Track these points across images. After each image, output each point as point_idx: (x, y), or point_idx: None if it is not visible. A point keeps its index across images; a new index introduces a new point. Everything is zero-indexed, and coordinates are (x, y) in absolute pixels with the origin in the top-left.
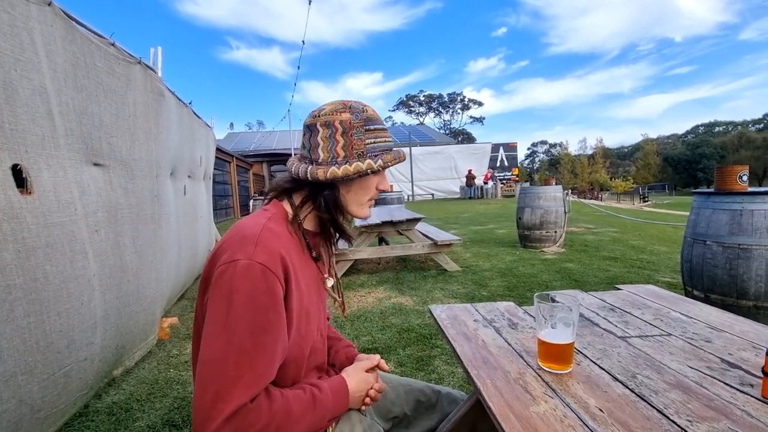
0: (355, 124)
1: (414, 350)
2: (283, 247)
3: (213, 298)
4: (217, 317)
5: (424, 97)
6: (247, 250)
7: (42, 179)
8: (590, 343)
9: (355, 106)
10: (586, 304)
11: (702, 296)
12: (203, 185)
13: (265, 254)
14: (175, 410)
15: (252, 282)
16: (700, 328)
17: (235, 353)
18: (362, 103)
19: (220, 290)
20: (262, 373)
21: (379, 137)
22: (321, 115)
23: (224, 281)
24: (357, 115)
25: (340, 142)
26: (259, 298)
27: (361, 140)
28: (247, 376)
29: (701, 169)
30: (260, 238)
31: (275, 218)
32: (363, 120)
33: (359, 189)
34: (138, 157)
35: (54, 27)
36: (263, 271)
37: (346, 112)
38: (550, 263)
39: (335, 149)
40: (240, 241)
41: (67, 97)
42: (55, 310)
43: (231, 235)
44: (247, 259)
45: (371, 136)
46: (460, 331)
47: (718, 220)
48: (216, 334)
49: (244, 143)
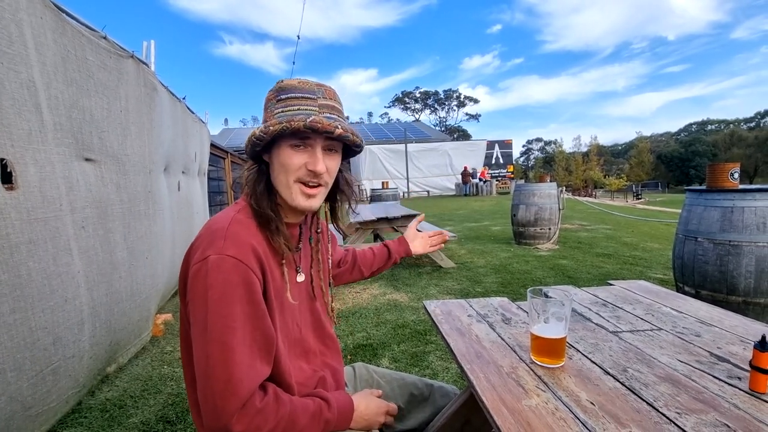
0: (270, 97)
1: (408, 346)
2: (253, 237)
3: (191, 298)
4: (198, 317)
5: (419, 94)
6: (216, 245)
7: (28, 174)
8: (582, 338)
9: (285, 82)
10: (579, 299)
11: (693, 292)
12: (198, 181)
13: (235, 247)
14: (169, 406)
15: (224, 275)
16: (690, 322)
17: (219, 350)
18: (293, 78)
19: (196, 289)
20: (250, 365)
21: (290, 105)
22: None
23: (199, 280)
24: (273, 89)
25: (264, 116)
26: (234, 291)
27: (272, 112)
28: (238, 372)
29: (694, 166)
30: (229, 232)
31: (244, 210)
32: (276, 90)
33: (280, 167)
34: (130, 152)
35: (44, 19)
36: (235, 264)
37: (276, 89)
38: (544, 260)
39: (261, 126)
40: (209, 237)
41: (56, 91)
42: (39, 306)
43: (202, 232)
44: (217, 254)
45: (280, 106)
46: (454, 327)
47: (710, 217)
48: (200, 334)
49: (239, 139)
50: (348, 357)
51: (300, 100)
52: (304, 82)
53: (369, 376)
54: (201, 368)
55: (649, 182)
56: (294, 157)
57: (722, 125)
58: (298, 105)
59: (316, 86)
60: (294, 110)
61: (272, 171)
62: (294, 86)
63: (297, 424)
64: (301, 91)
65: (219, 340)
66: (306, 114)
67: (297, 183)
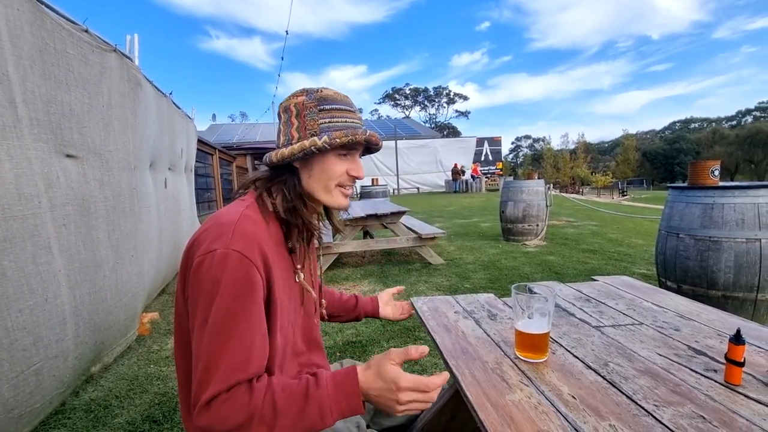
0: (308, 105)
1: (398, 343)
2: (259, 234)
3: (193, 290)
4: (198, 309)
5: (410, 91)
6: (224, 238)
7: (2, 170)
8: (566, 333)
9: (313, 88)
10: (563, 294)
11: (675, 287)
12: (185, 178)
13: (242, 242)
14: (155, 406)
15: (229, 270)
16: (670, 317)
17: (213, 343)
18: (326, 88)
19: (199, 281)
20: (241, 361)
21: (336, 117)
22: (281, 103)
23: (203, 272)
24: (311, 96)
25: (294, 124)
26: (237, 286)
27: (314, 120)
28: (224, 364)
29: (678, 164)
30: (237, 227)
31: (253, 206)
32: (316, 99)
33: (321, 172)
34: (113, 148)
35: (21, 11)
36: (240, 260)
37: (302, 95)
38: (532, 256)
39: (290, 132)
40: (217, 231)
41: (32, 85)
42: (16, 306)
43: (208, 225)
44: (224, 247)
45: (326, 116)
46: (441, 323)
47: (691, 213)
48: (199, 326)
49: (227, 135)
50: (337, 354)
51: (344, 112)
52: (341, 95)
53: None
54: (197, 357)
55: (634, 179)
56: (339, 165)
57: (705, 123)
58: (344, 117)
59: (349, 99)
60: (342, 122)
61: (306, 175)
62: (335, 98)
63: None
64: (343, 103)
65: (216, 332)
66: (354, 126)
67: (338, 187)
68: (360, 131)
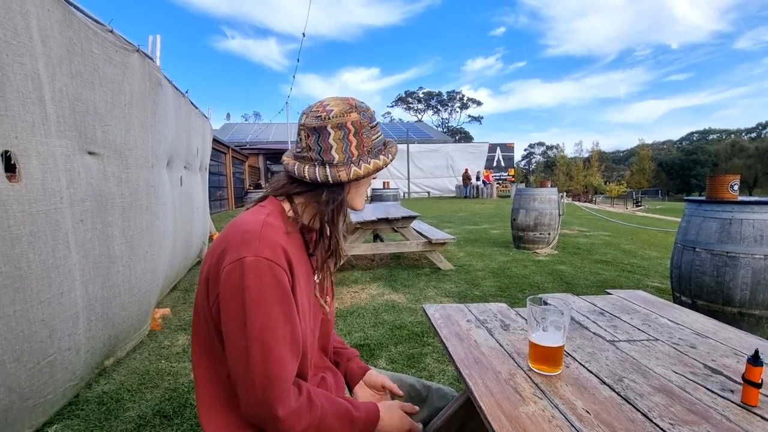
0: (363, 123)
1: (406, 348)
2: (283, 240)
3: (226, 298)
4: (235, 316)
5: (423, 94)
6: (252, 246)
7: (30, 166)
8: (579, 346)
9: (360, 105)
10: (577, 307)
11: (689, 302)
12: (199, 176)
13: (269, 249)
14: (166, 401)
15: (261, 277)
16: (686, 334)
17: (260, 347)
18: (360, 101)
19: (232, 289)
20: (288, 362)
21: (378, 132)
22: (331, 117)
23: (234, 280)
24: (364, 114)
25: (353, 142)
26: (271, 291)
27: (369, 138)
28: (276, 367)
29: (695, 175)
30: (263, 234)
31: (273, 214)
32: (369, 117)
33: (364, 182)
34: (133, 146)
35: (51, 11)
36: (270, 266)
37: (353, 112)
38: (543, 265)
39: (350, 149)
40: (242, 238)
41: (60, 84)
42: (37, 299)
43: (231, 232)
44: (253, 255)
45: (375, 133)
46: (453, 331)
47: (708, 227)
48: (237, 332)
49: (241, 134)
50: None
51: (378, 125)
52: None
53: None
54: (240, 364)
55: (649, 189)
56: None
57: (724, 135)
58: (380, 131)
59: None
60: (382, 135)
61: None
62: (373, 113)
63: (326, 424)
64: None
65: (259, 339)
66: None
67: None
68: (395, 142)
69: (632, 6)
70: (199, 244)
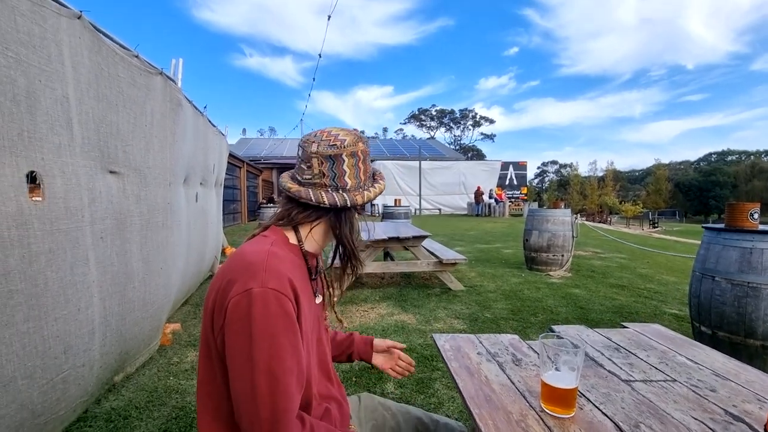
0: (366, 152)
1: (416, 372)
2: (288, 270)
3: (232, 329)
4: (241, 348)
5: (435, 112)
6: (258, 277)
7: (54, 186)
8: (594, 386)
9: (363, 136)
10: (591, 341)
11: (709, 332)
12: (214, 192)
13: (275, 279)
14: (172, 420)
15: (268, 308)
16: (706, 375)
17: (267, 380)
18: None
19: (239, 321)
20: (294, 394)
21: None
22: (346, 146)
23: (241, 311)
24: (367, 145)
25: (362, 168)
26: (278, 322)
27: (369, 166)
28: (283, 399)
29: (713, 197)
30: (268, 264)
31: (277, 243)
32: (369, 147)
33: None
34: (152, 164)
35: (82, 39)
36: (277, 296)
37: (360, 142)
38: (556, 288)
39: (360, 175)
40: (247, 269)
41: (87, 107)
42: (53, 315)
43: (235, 263)
44: (260, 286)
45: (370, 162)
46: (463, 365)
47: (728, 256)
48: (244, 364)
49: (256, 149)
50: (353, 379)
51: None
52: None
53: (374, 407)
54: (246, 396)
55: (666, 210)
56: None
57: (743, 156)
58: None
59: None
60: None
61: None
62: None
63: None
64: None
65: (266, 371)
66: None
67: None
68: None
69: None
70: (212, 258)
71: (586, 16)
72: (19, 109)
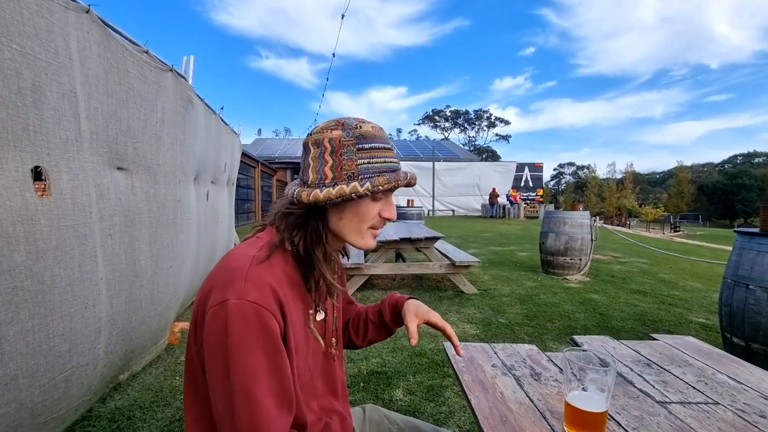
0: (345, 142)
1: (425, 377)
2: (273, 279)
3: (208, 343)
4: (217, 364)
5: (450, 113)
6: (236, 287)
7: (61, 182)
8: (624, 407)
9: (349, 122)
10: (618, 355)
11: (742, 344)
12: (226, 191)
13: (255, 290)
14: (176, 422)
15: (246, 323)
16: (752, 397)
17: (244, 401)
18: (361, 120)
19: (214, 335)
20: (276, 415)
21: (375, 157)
22: (313, 133)
23: (216, 325)
24: (348, 132)
25: (328, 162)
26: (256, 338)
27: (352, 160)
28: (263, 422)
29: (740, 200)
30: (250, 273)
31: (267, 247)
32: (355, 137)
33: (353, 215)
34: (162, 162)
35: (90, 33)
36: (255, 310)
37: (337, 129)
38: (574, 293)
39: (323, 170)
40: (228, 277)
41: (96, 102)
42: (59, 313)
43: (220, 267)
44: (237, 298)
45: (365, 156)
46: (476, 378)
47: (764, 263)
48: (220, 382)
49: (271, 149)
50: (360, 384)
51: (383, 151)
52: (377, 128)
53: (380, 421)
54: (226, 418)
55: (688, 214)
56: (374, 207)
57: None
58: (383, 157)
59: (384, 132)
60: (381, 162)
61: (336, 217)
62: (374, 135)
63: None
64: (381, 140)
65: (243, 391)
66: (393, 168)
67: (369, 229)
68: (402, 175)
69: (667, 26)
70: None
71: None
72: (24, 102)
